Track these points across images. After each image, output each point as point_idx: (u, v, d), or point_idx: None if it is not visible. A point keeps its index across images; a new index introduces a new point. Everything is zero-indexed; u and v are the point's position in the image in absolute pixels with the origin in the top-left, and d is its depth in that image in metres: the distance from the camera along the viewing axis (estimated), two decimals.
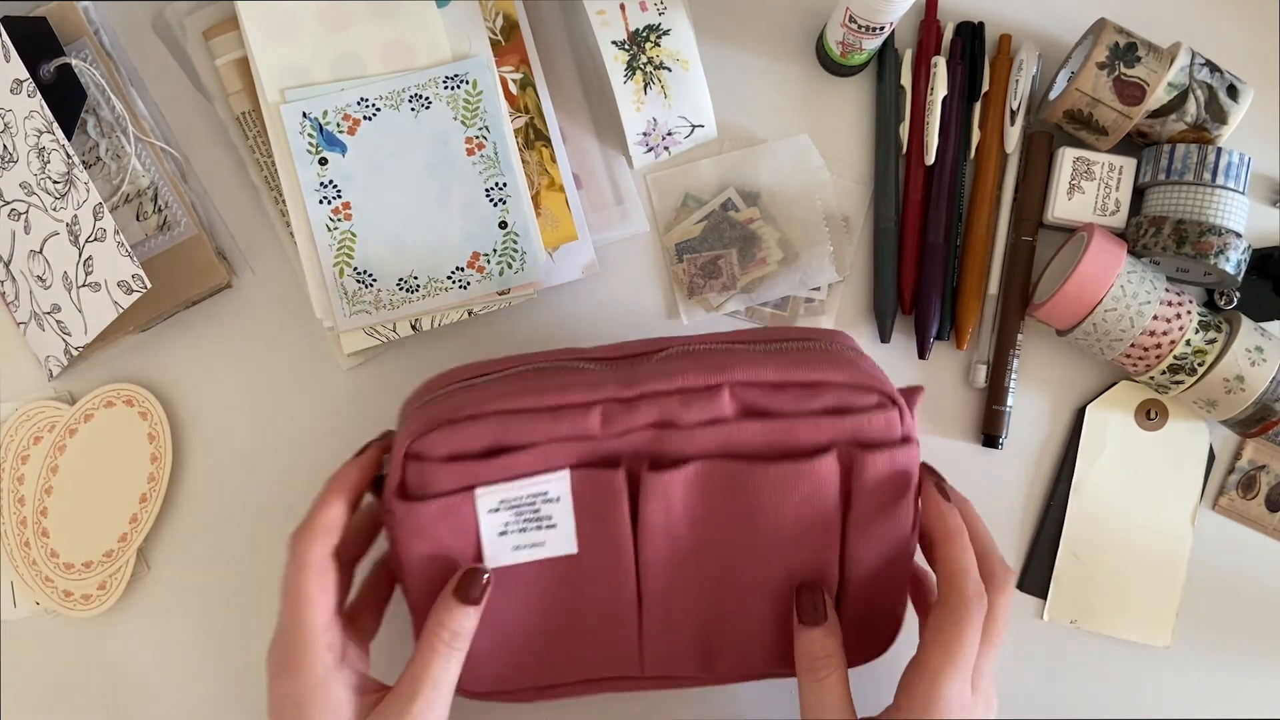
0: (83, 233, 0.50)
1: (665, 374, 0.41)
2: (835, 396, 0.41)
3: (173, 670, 0.54)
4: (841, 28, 0.51)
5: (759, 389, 0.41)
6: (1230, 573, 0.55)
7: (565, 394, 0.41)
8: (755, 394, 0.41)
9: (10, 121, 0.51)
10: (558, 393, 0.41)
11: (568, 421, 0.41)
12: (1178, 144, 0.51)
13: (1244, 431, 0.53)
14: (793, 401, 0.41)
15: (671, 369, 0.42)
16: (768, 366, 0.41)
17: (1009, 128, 0.55)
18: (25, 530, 0.53)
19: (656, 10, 0.51)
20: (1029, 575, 0.55)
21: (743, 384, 0.41)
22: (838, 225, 0.56)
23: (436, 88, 0.52)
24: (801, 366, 0.41)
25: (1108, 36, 0.51)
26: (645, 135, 0.53)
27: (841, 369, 0.41)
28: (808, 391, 0.41)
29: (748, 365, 0.41)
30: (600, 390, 0.41)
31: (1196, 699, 0.55)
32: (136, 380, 0.54)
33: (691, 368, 0.41)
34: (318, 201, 0.51)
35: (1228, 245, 0.50)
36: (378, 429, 0.55)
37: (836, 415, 0.41)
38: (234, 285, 0.55)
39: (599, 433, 0.41)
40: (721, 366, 0.41)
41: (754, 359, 0.42)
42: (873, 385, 0.41)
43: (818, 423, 0.41)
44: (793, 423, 0.41)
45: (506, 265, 0.52)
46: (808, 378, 0.41)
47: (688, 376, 0.41)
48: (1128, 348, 0.51)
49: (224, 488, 0.54)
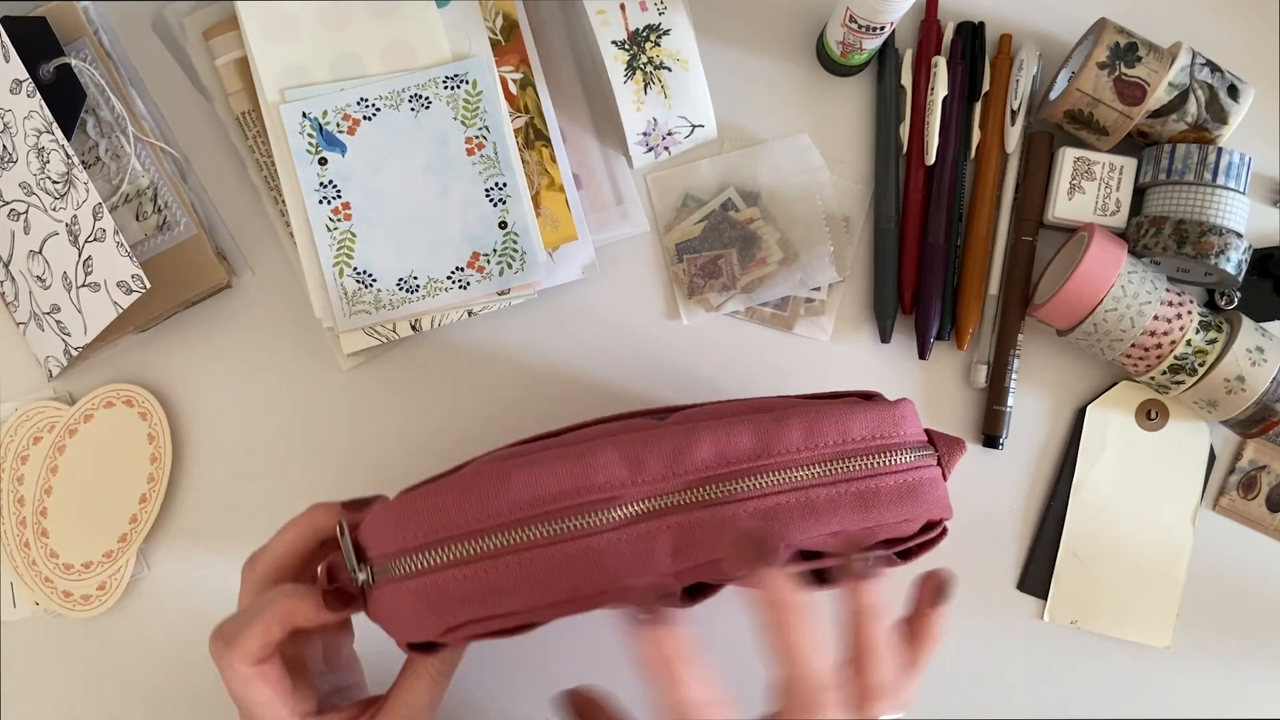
0: (82, 233, 0.50)
1: (723, 533, 0.37)
2: (890, 531, 0.40)
3: (173, 670, 0.54)
4: (842, 28, 0.51)
5: (817, 539, 0.39)
6: (1231, 573, 0.55)
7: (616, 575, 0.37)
8: (812, 541, 0.39)
9: (10, 121, 0.51)
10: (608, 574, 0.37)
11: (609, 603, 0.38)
12: (1178, 144, 0.51)
13: (1244, 432, 0.53)
14: (844, 544, 0.39)
15: (733, 522, 0.38)
16: (831, 519, 0.38)
17: (1009, 128, 0.55)
18: (25, 530, 0.53)
19: (656, 10, 0.51)
20: (1029, 575, 0.55)
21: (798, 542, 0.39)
22: (838, 225, 0.55)
23: (436, 88, 0.52)
24: (865, 509, 0.39)
25: (1108, 36, 0.51)
26: (645, 135, 0.52)
27: (900, 504, 0.39)
28: (864, 533, 0.39)
29: (810, 521, 0.38)
30: (650, 566, 0.37)
31: (1196, 699, 0.55)
32: (136, 380, 0.54)
33: (748, 521, 0.38)
34: (318, 201, 0.51)
35: (1228, 245, 0.50)
36: (377, 429, 0.55)
37: (885, 546, 0.41)
38: (234, 285, 0.55)
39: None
40: (785, 524, 0.38)
41: (819, 507, 0.38)
42: (929, 518, 0.40)
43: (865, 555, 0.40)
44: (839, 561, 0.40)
45: (506, 265, 0.52)
46: (868, 524, 0.39)
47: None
48: (1128, 348, 0.51)
49: (224, 488, 0.54)
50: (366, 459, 0.55)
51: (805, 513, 0.38)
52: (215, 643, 0.38)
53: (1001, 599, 0.55)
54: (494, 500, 0.37)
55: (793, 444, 0.39)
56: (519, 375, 0.55)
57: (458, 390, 0.55)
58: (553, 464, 0.38)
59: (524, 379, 0.55)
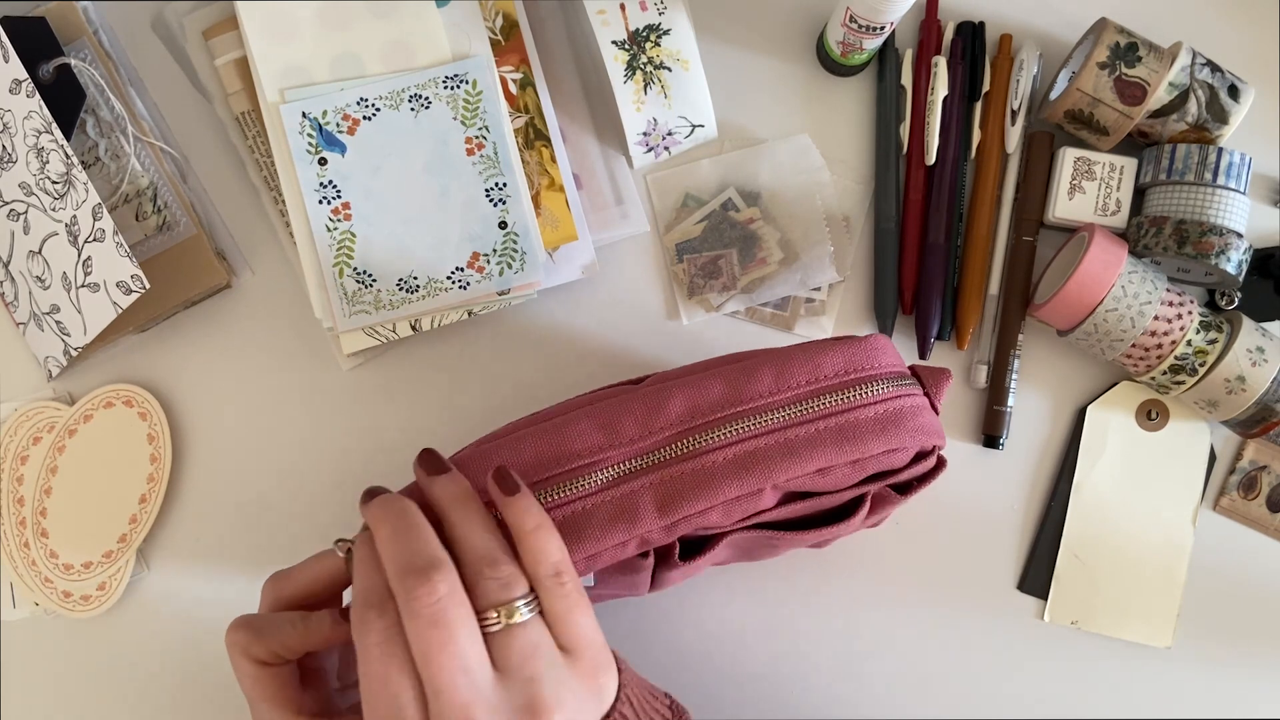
0: (82, 233, 0.50)
1: (704, 482, 0.38)
2: (878, 463, 0.40)
3: (171, 670, 0.54)
4: (842, 27, 0.51)
5: (802, 477, 0.40)
6: (1231, 574, 0.55)
7: (602, 536, 0.38)
8: (798, 481, 0.40)
9: (9, 122, 0.51)
10: (594, 536, 0.38)
11: (606, 556, 0.39)
12: (1179, 144, 0.51)
13: (1245, 432, 0.53)
14: (834, 479, 0.40)
15: (712, 470, 0.39)
16: (813, 456, 0.39)
17: (1010, 128, 0.55)
18: (25, 531, 0.53)
19: (656, 10, 0.51)
20: (1029, 576, 0.55)
21: (785, 480, 0.39)
22: (838, 225, 0.55)
23: (436, 88, 0.52)
24: (846, 442, 0.39)
25: (1109, 36, 0.51)
26: (645, 135, 0.52)
27: (882, 434, 0.39)
28: (852, 467, 0.40)
29: (791, 461, 0.39)
30: (637, 523, 0.38)
31: (1197, 700, 0.55)
32: (136, 381, 0.54)
33: (730, 471, 0.39)
34: (317, 201, 0.51)
35: (1229, 245, 0.50)
36: (377, 429, 0.55)
37: (877, 479, 0.41)
38: (233, 285, 0.55)
39: (634, 551, 0.40)
40: (765, 465, 0.39)
41: (798, 446, 0.39)
42: (919, 446, 0.40)
43: (857, 489, 0.41)
44: (833, 496, 0.41)
45: (506, 265, 0.52)
46: (851, 457, 0.39)
47: (728, 485, 0.38)
48: (1129, 348, 0.51)
49: (224, 488, 0.54)
50: (366, 459, 0.55)
51: (785, 453, 0.39)
52: (233, 633, 0.38)
53: (1001, 599, 0.55)
54: (477, 481, 0.38)
55: (764, 388, 0.40)
56: (519, 375, 0.55)
57: (458, 390, 0.55)
58: (529, 440, 0.39)
59: (524, 379, 0.55)
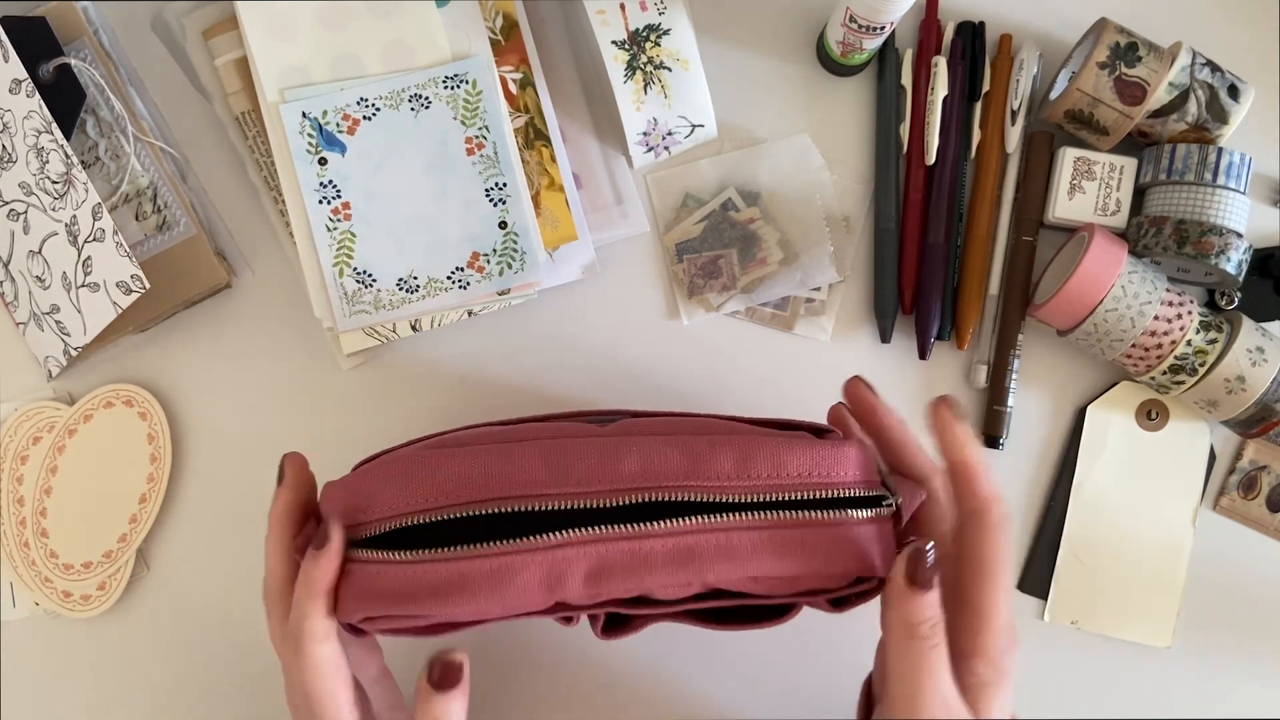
0: (82, 233, 0.50)
1: (639, 566, 0.37)
2: (816, 581, 0.38)
3: (172, 670, 0.54)
4: (842, 27, 0.51)
5: (736, 580, 0.38)
6: (1231, 574, 0.55)
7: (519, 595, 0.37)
8: (732, 583, 0.38)
9: (9, 121, 0.51)
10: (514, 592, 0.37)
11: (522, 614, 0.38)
12: (1179, 144, 0.51)
13: (1245, 432, 0.53)
14: (769, 588, 0.38)
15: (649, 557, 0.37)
16: (750, 565, 0.37)
17: (1010, 127, 0.55)
18: (25, 531, 0.53)
19: (656, 10, 0.51)
20: (1030, 576, 0.55)
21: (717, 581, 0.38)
22: (838, 225, 0.55)
23: (436, 87, 0.52)
24: (788, 558, 0.37)
25: (1108, 36, 0.51)
26: (645, 135, 0.52)
27: (829, 556, 0.37)
28: (787, 582, 0.38)
29: (729, 564, 0.37)
30: (558, 589, 0.37)
31: (1197, 699, 0.55)
32: (136, 380, 0.54)
33: (666, 562, 0.37)
34: (317, 201, 0.51)
35: (1229, 245, 0.50)
36: (377, 429, 0.55)
37: (810, 595, 0.39)
38: (233, 285, 0.55)
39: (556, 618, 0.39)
40: (701, 564, 0.37)
41: (739, 552, 0.37)
42: (861, 573, 0.38)
43: (791, 599, 0.39)
44: (763, 600, 0.39)
45: (506, 265, 0.52)
46: (790, 573, 0.37)
47: (661, 574, 0.37)
48: (1128, 348, 0.51)
49: (224, 488, 0.54)
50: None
51: (725, 556, 0.37)
52: (301, 587, 0.37)
53: None
54: (421, 483, 0.38)
55: (723, 470, 0.38)
56: (519, 375, 0.55)
57: (457, 390, 0.55)
58: (477, 454, 0.38)
59: (524, 379, 0.55)
